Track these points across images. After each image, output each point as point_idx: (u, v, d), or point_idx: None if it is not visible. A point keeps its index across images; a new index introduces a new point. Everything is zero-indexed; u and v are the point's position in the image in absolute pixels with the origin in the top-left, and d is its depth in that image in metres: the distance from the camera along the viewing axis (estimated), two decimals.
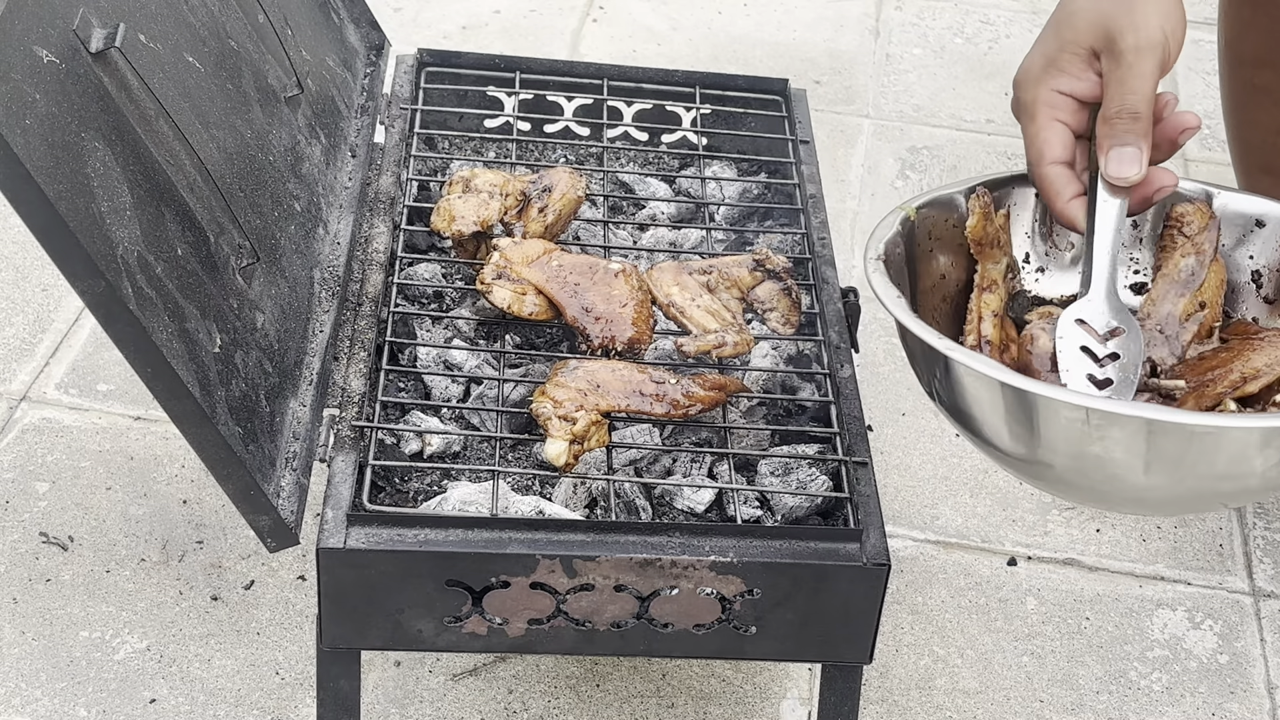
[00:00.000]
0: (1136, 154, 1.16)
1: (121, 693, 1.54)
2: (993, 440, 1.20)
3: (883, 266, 1.24)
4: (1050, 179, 1.20)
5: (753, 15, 2.74)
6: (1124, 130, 1.16)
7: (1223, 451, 1.12)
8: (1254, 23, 1.70)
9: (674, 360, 1.43)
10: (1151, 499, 1.20)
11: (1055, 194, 1.20)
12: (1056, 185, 1.19)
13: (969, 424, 1.22)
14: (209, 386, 1.19)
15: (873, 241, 1.27)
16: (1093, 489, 1.19)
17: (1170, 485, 1.15)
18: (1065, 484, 1.21)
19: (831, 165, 2.35)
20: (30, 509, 1.72)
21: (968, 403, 1.19)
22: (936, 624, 1.69)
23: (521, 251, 1.44)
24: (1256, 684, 1.66)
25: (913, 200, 1.32)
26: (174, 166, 1.25)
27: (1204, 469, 1.13)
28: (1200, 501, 1.24)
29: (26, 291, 2.01)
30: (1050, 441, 1.15)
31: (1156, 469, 1.13)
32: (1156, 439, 1.11)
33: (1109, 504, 1.28)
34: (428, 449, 1.40)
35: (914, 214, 1.31)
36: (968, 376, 1.17)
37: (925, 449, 1.90)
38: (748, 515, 1.35)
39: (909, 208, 1.31)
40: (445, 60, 1.75)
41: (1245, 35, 1.72)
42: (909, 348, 1.28)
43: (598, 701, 1.57)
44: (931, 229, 1.32)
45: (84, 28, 1.18)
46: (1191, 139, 2.51)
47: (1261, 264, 1.34)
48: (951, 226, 1.34)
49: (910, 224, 1.30)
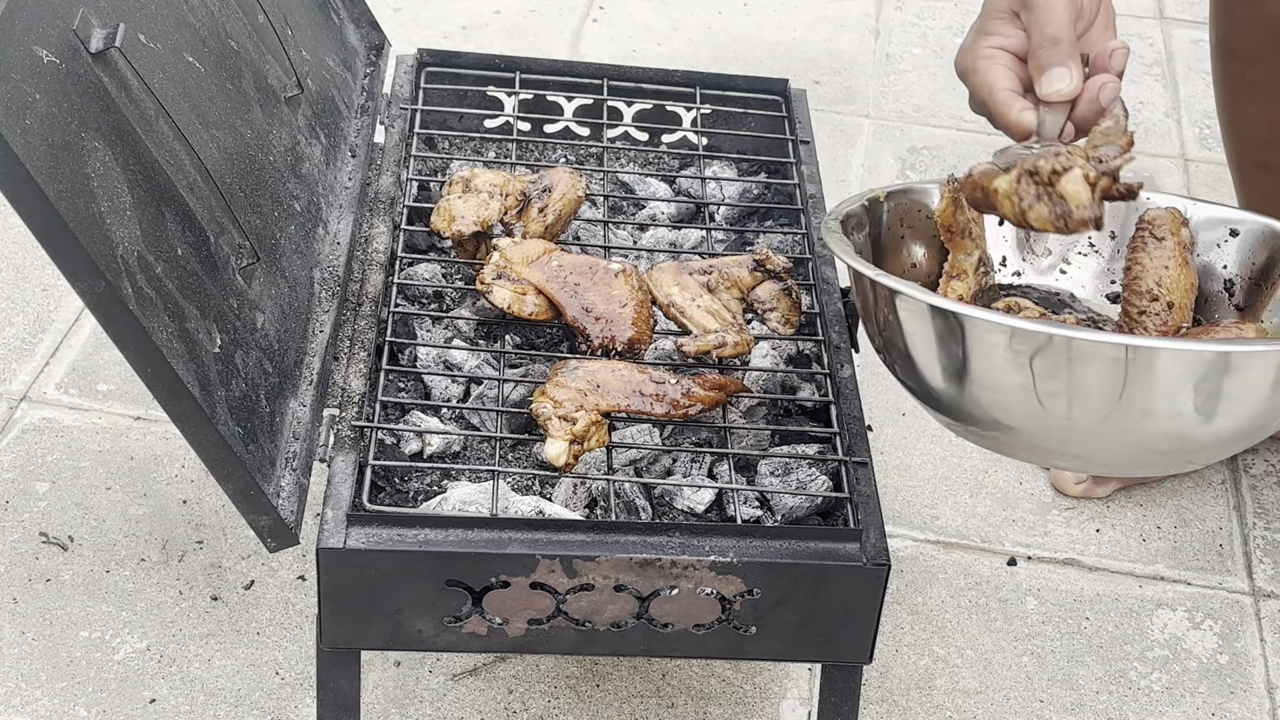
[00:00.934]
0: (1065, 71, 1.22)
1: (121, 693, 1.54)
2: (930, 381, 1.19)
3: (839, 227, 1.25)
4: (1000, 101, 1.25)
5: (753, 15, 2.74)
6: (1047, 55, 1.22)
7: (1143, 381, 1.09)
8: (1244, 18, 1.70)
9: (674, 360, 1.43)
10: (1079, 442, 1.17)
11: (1006, 108, 1.24)
12: (1006, 101, 1.24)
13: (906, 367, 1.21)
14: (209, 386, 1.19)
15: (832, 212, 1.28)
16: (1021, 430, 1.17)
17: (1095, 424, 1.13)
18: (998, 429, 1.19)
19: (831, 165, 2.35)
20: (30, 509, 1.72)
21: (902, 338, 1.18)
22: (936, 624, 1.69)
23: (521, 251, 1.44)
24: (1256, 684, 1.66)
25: (883, 187, 1.33)
26: (174, 166, 1.25)
27: (1127, 404, 1.10)
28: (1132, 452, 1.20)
29: (26, 291, 2.01)
30: (978, 375, 1.14)
31: (1079, 404, 1.11)
32: (1078, 366, 1.09)
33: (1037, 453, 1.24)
34: (428, 449, 1.40)
35: (883, 195, 1.31)
36: (901, 305, 1.16)
37: (925, 449, 1.90)
38: (748, 515, 1.35)
39: (879, 190, 1.32)
40: (445, 60, 1.75)
41: (1236, 30, 1.72)
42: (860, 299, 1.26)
43: (598, 701, 1.57)
44: (904, 216, 1.33)
45: (84, 28, 1.18)
46: (1192, 139, 2.51)
47: (1234, 273, 1.34)
48: (925, 218, 1.34)
49: (880, 206, 1.31)
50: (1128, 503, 1.85)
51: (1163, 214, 1.32)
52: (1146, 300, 1.30)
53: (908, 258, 1.33)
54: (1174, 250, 1.31)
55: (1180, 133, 2.53)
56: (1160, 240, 1.31)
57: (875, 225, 1.31)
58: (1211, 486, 1.88)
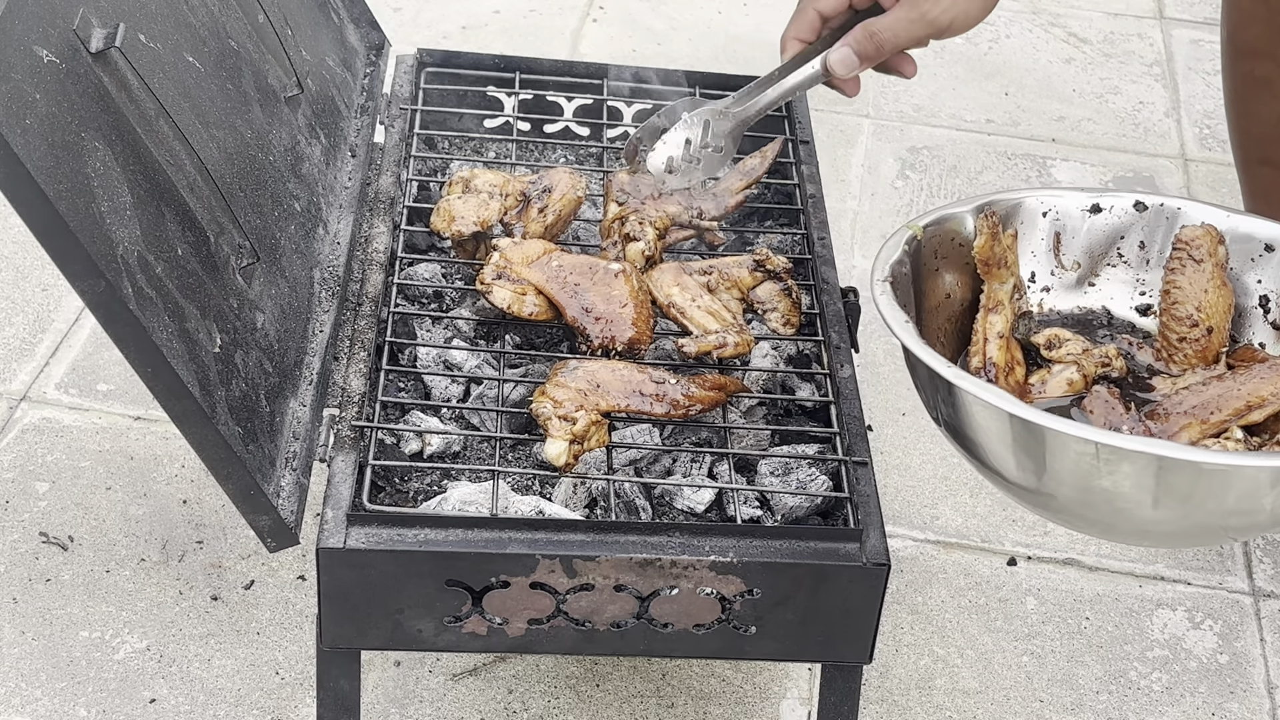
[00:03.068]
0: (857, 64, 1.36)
1: (121, 692, 1.54)
2: (998, 469, 1.20)
3: (889, 289, 1.25)
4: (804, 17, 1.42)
5: (753, 15, 2.74)
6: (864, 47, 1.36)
7: (1232, 489, 1.12)
8: (1255, 14, 1.70)
9: (674, 360, 1.43)
10: (1158, 532, 1.21)
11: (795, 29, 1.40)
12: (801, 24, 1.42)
13: (974, 451, 1.22)
14: (209, 386, 1.19)
15: (879, 263, 1.27)
16: (1099, 521, 1.20)
17: (1177, 520, 1.16)
18: (1070, 514, 1.21)
19: (831, 165, 2.35)
20: (30, 509, 1.72)
21: (974, 430, 1.19)
22: (936, 624, 1.69)
23: (521, 251, 1.44)
24: (1256, 684, 1.66)
25: (919, 218, 1.32)
26: (174, 166, 1.25)
27: (1213, 505, 1.13)
28: (1207, 535, 1.25)
29: (26, 291, 2.01)
30: (1057, 473, 1.15)
31: (1165, 504, 1.13)
32: (1166, 475, 1.11)
33: (1114, 535, 1.28)
34: (428, 449, 1.40)
35: (920, 233, 1.31)
36: (975, 405, 1.17)
37: (925, 449, 1.90)
38: (748, 515, 1.35)
39: (915, 226, 1.31)
40: (445, 60, 1.75)
41: (1246, 27, 1.72)
42: (914, 372, 1.28)
43: (598, 701, 1.57)
44: (938, 248, 1.32)
45: (84, 28, 1.18)
46: (1192, 139, 2.51)
47: (1270, 289, 1.33)
48: (958, 246, 1.34)
49: (916, 243, 1.31)
50: None
51: (1200, 234, 1.32)
52: (1186, 326, 1.30)
53: (942, 289, 1.33)
54: (1212, 272, 1.30)
55: (1180, 133, 2.53)
56: (1199, 263, 1.31)
57: (915, 261, 1.31)
58: None
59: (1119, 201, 1.38)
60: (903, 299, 1.25)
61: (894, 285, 1.26)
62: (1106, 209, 1.38)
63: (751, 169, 1.60)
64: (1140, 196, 1.38)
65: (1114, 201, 1.38)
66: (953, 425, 1.22)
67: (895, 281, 1.26)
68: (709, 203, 1.55)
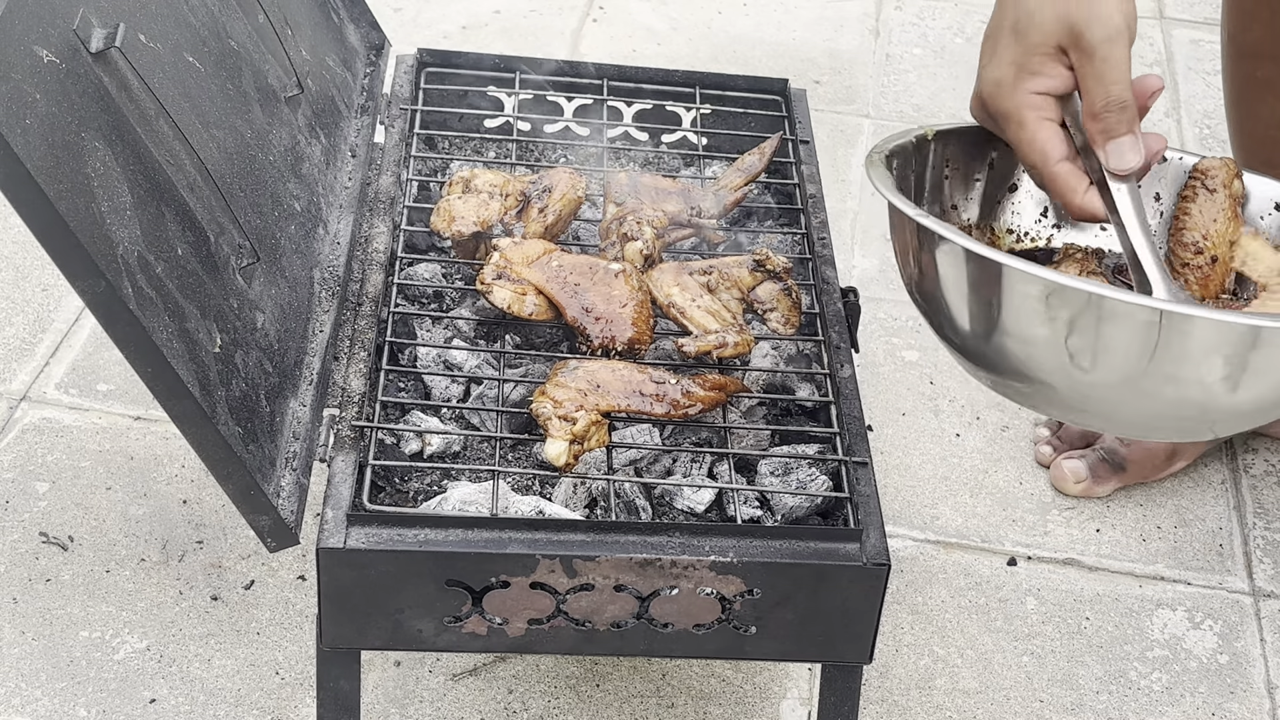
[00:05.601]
0: (1133, 140, 1.18)
1: (121, 693, 1.54)
2: (958, 323, 1.17)
3: (883, 162, 1.22)
4: (1063, 177, 1.20)
5: (753, 15, 2.74)
6: (1115, 122, 1.18)
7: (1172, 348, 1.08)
8: (1256, 15, 1.70)
9: (674, 360, 1.43)
10: (1098, 398, 1.16)
11: (1070, 190, 1.20)
12: (1070, 182, 1.20)
13: (938, 310, 1.19)
14: (209, 386, 1.19)
15: (881, 142, 1.25)
16: (1043, 382, 1.16)
17: (1117, 384, 1.12)
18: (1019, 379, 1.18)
19: (831, 165, 2.35)
20: (30, 509, 1.72)
21: (936, 284, 1.17)
22: (936, 624, 1.69)
23: (521, 251, 1.44)
24: (1256, 684, 1.66)
25: (933, 124, 1.30)
26: (174, 166, 1.25)
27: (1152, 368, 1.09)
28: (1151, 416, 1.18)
29: (26, 291, 2.01)
30: (1007, 323, 1.12)
31: (1103, 363, 1.10)
32: (1105, 327, 1.08)
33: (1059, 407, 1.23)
34: (428, 449, 1.40)
35: (931, 134, 1.29)
36: (939, 250, 1.15)
37: (925, 449, 1.90)
38: (748, 515, 1.35)
39: (929, 128, 1.29)
40: (445, 60, 1.75)
41: (1248, 28, 1.72)
42: (894, 232, 1.25)
43: (598, 701, 1.57)
44: (949, 159, 1.30)
45: (84, 27, 1.18)
46: (1192, 139, 2.51)
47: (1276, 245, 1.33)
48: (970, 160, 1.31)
49: (927, 145, 1.28)
50: (1128, 503, 1.85)
51: (1217, 164, 1.30)
52: (1191, 253, 1.29)
53: (948, 199, 1.31)
54: (1225, 203, 1.29)
55: (1180, 133, 2.53)
56: (1212, 192, 1.29)
57: (920, 164, 1.28)
58: (1211, 486, 1.88)
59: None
60: (900, 186, 1.22)
61: (889, 164, 1.23)
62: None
63: (750, 166, 1.60)
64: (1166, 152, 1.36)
65: None
66: (920, 287, 1.20)
67: (891, 166, 1.24)
68: (707, 201, 1.55)
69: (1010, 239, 1.36)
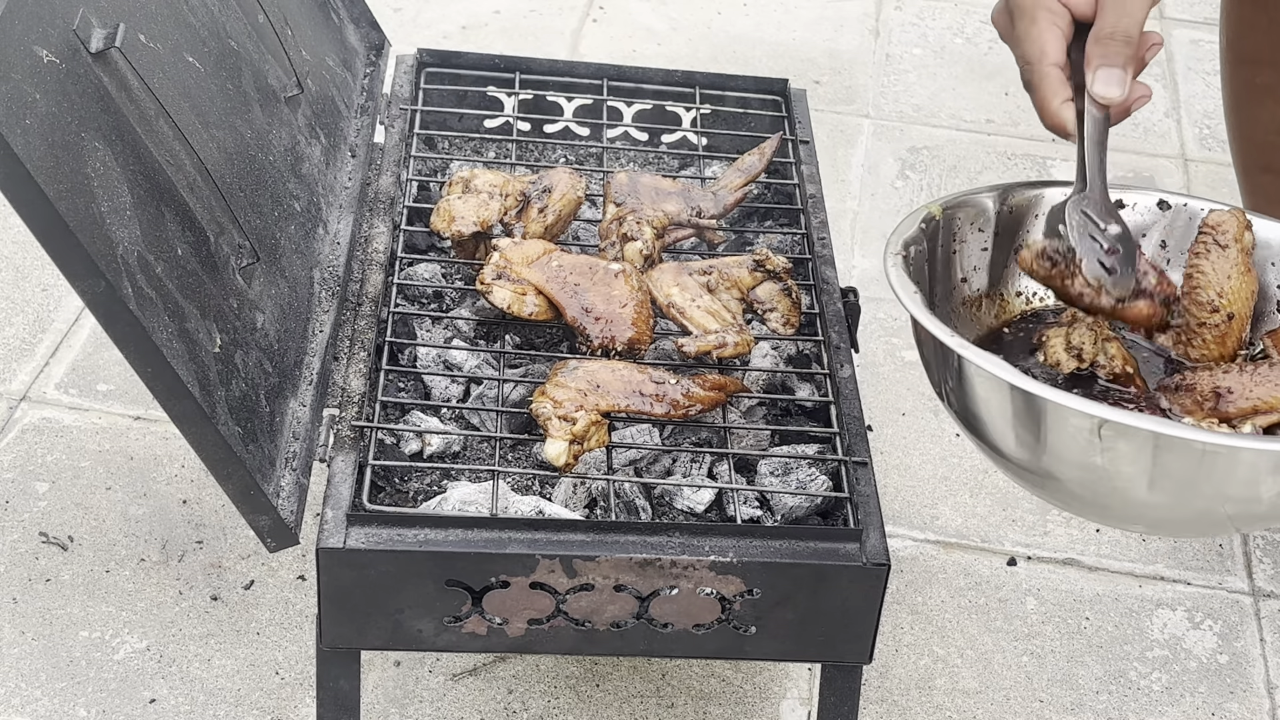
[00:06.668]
0: (1122, 75, 1.20)
1: (121, 693, 1.54)
2: (999, 444, 1.20)
3: (901, 262, 1.24)
4: (1049, 79, 1.22)
5: (752, 15, 2.74)
6: (1115, 52, 1.20)
7: (1231, 473, 1.11)
8: (1255, 22, 1.70)
9: (674, 360, 1.43)
10: (1153, 516, 1.19)
11: (1051, 94, 1.22)
12: (1053, 86, 1.22)
13: (976, 426, 1.22)
14: (209, 386, 1.19)
15: (894, 237, 1.26)
16: (1095, 502, 1.19)
17: (1174, 504, 1.15)
18: (1068, 494, 1.21)
19: (831, 165, 2.35)
20: (30, 509, 1.72)
21: (975, 403, 1.19)
22: (936, 624, 1.69)
23: (521, 251, 1.44)
24: (1256, 684, 1.66)
25: (939, 200, 1.31)
26: (174, 166, 1.25)
27: (1209, 489, 1.12)
28: (1205, 523, 1.23)
29: (26, 291, 2.01)
30: (1054, 449, 1.15)
31: (1161, 486, 1.12)
32: (1163, 455, 1.10)
33: (1111, 518, 1.27)
34: (428, 449, 1.40)
35: (939, 213, 1.30)
36: (977, 376, 1.17)
37: (925, 449, 1.90)
38: (747, 515, 1.35)
39: (934, 206, 1.30)
40: (445, 60, 1.75)
41: (1246, 34, 1.72)
42: (922, 346, 1.27)
43: (598, 701, 1.57)
44: (956, 230, 1.32)
45: (84, 28, 1.18)
46: (1192, 139, 2.51)
47: None
48: (977, 231, 1.33)
49: (935, 223, 1.30)
50: None
51: (1228, 218, 1.31)
52: (1207, 312, 1.29)
53: (957, 273, 1.33)
54: (1237, 258, 1.29)
55: (1180, 133, 2.53)
56: (1224, 249, 1.30)
57: (930, 239, 1.30)
58: None
59: (1143, 199, 1.38)
60: (916, 276, 1.24)
61: (906, 261, 1.25)
62: (1130, 206, 1.38)
63: (749, 166, 1.60)
64: (1165, 196, 1.37)
65: (1138, 199, 1.38)
66: (957, 402, 1.22)
67: (909, 258, 1.25)
68: (707, 201, 1.55)
69: (1019, 301, 1.37)
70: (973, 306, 1.34)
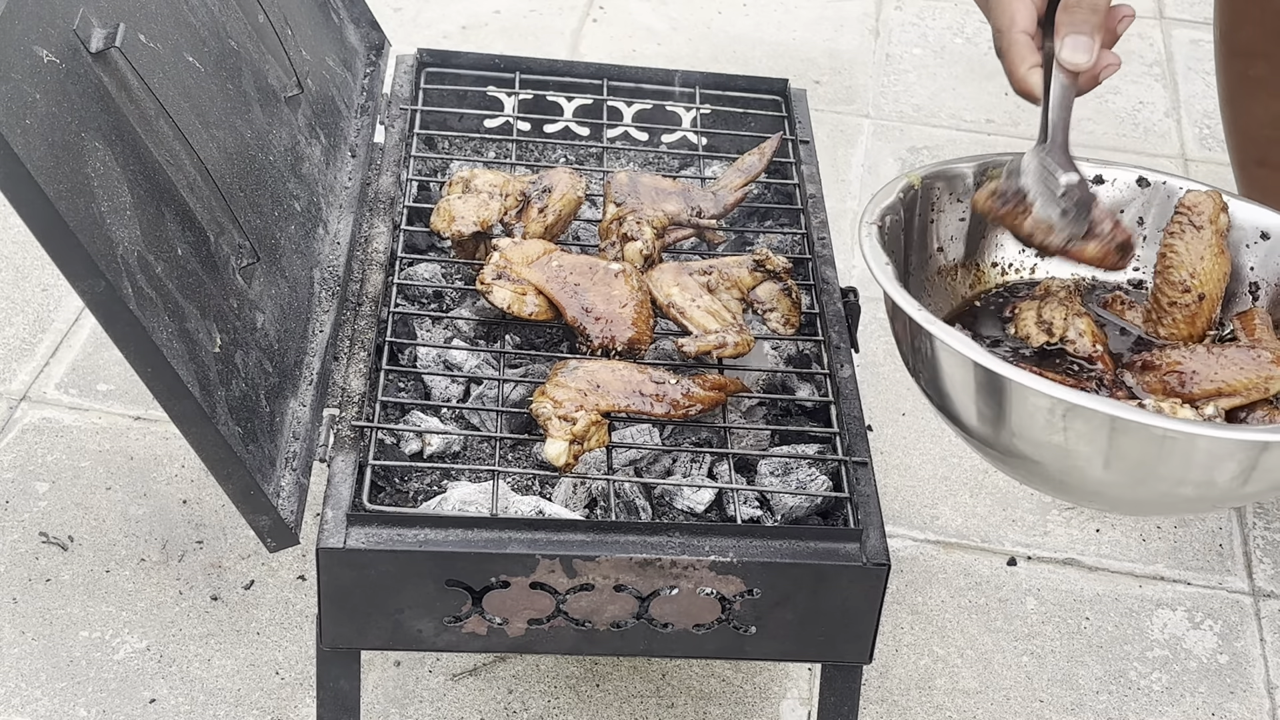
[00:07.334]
0: (1089, 43, 1.23)
1: (121, 693, 1.54)
2: (962, 418, 1.20)
3: (876, 232, 1.25)
4: (1018, 45, 1.25)
5: (752, 15, 2.74)
6: (1082, 20, 1.22)
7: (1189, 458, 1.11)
8: (1248, 15, 1.70)
9: (674, 360, 1.43)
10: (1112, 495, 1.20)
11: (1019, 60, 1.25)
12: (1022, 52, 1.25)
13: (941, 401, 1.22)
14: (209, 386, 1.19)
15: (870, 206, 1.27)
16: (1054, 478, 1.19)
17: (1131, 484, 1.15)
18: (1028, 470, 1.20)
19: (831, 165, 2.35)
20: (30, 509, 1.72)
21: (941, 379, 1.19)
22: (936, 624, 1.69)
23: (521, 251, 1.44)
24: (1256, 684, 1.66)
25: (918, 169, 1.32)
26: (174, 166, 1.25)
27: (1166, 472, 1.13)
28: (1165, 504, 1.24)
29: (26, 291, 2.01)
30: (1016, 426, 1.15)
31: (1116, 466, 1.13)
32: (1119, 437, 1.10)
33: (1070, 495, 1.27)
34: (428, 449, 1.40)
35: (918, 183, 1.30)
36: (942, 352, 1.17)
37: (925, 449, 1.90)
38: (747, 515, 1.35)
39: (913, 175, 1.31)
40: (445, 60, 1.75)
41: (1240, 27, 1.72)
42: (893, 320, 1.27)
43: (598, 701, 1.57)
44: (934, 200, 1.32)
45: (84, 28, 1.18)
46: (1192, 139, 2.51)
47: (1261, 276, 1.33)
48: (955, 200, 1.33)
49: (913, 192, 1.30)
50: None
51: (1204, 199, 1.31)
52: (1178, 291, 1.29)
53: (934, 243, 1.33)
54: (1211, 239, 1.30)
55: (1180, 133, 2.53)
56: (1199, 229, 1.30)
57: (909, 214, 1.31)
58: None
59: (1122, 175, 1.38)
60: (890, 246, 1.25)
61: (881, 231, 1.26)
62: (1109, 181, 1.38)
63: (749, 166, 1.60)
64: (1143, 173, 1.38)
65: (1117, 175, 1.38)
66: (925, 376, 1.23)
67: (884, 227, 1.26)
68: (707, 201, 1.55)
69: (995, 272, 1.38)
70: (948, 276, 1.35)
